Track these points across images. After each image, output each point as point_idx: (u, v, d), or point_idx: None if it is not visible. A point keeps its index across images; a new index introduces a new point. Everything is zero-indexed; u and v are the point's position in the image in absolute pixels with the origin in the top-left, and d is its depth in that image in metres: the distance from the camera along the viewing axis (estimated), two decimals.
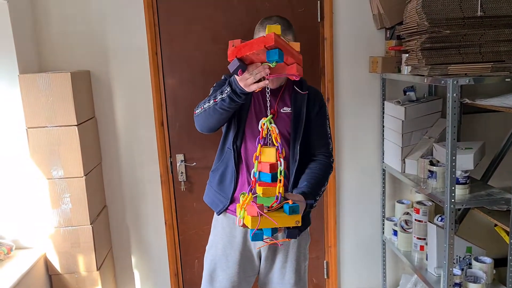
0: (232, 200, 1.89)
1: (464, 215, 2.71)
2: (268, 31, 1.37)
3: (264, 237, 1.46)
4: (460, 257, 2.38)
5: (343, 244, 2.89)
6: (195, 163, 2.70)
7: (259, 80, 1.49)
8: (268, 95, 1.61)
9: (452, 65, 2.04)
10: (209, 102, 1.69)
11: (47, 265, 2.40)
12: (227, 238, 1.93)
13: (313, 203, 1.70)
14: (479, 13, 2.00)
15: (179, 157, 2.69)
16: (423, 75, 2.14)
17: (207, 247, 2.04)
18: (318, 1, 2.61)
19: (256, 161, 1.50)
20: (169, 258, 2.78)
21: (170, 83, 2.63)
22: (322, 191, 1.80)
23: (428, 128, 2.58)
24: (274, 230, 1.46)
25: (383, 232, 2.85)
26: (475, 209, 2.43)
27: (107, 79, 2.59)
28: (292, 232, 1.50)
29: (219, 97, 1.64)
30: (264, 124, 1.51)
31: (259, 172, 1.51)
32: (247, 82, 1.50)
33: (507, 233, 2.20)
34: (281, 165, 1.48)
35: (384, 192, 2.82)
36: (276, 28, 1.38)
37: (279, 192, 1.46)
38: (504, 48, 2.03)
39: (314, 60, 2.68)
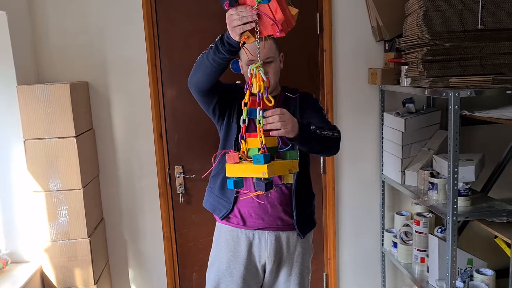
0: (235, 204, 1.87)
1: (464, 226, 2.71)
2: None
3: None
4: (461, 269, 2.37)
5: (343, 256, 2.88)
6: (194, 175, 2.68)
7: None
8: (257, 40, 1.47)
9: (453, 78, 2.05)
10: (202, 54, 1.69)
11: (43, 279, 2.35)
12: (231, 252, 1.90)
13: (309, 124, 1.62)
14: (479, 26, 2.02)
15: (178, 168, 2.67)
16: (424, 87, 2.15)
17: (209, 263, 2.01)
18: (318, 13, 2.62)
19: (245, 107, 1.44)
20: (167, 272, 2.74)
21: (169, 95, 2.62)
22: (325, 133, 1.70)
23: (427, 140, 2.58)
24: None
25: (383, 244, 2.84)
26: (475, 221, 2.43)
27: (106, 90, 2.57)
28: (300, 229, 1.72)
29: (209, 47, 1.64)
30: (253, 70, 1.45)
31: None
32: (232, 22, 1.46)
33: (508, 244, 2.20)
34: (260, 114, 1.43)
35: (383, 204, 2.81)
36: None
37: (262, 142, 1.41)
38: (504, 61, 2.05)
39: (313, 72, 2.68)
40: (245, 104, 1.45)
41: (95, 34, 2.51)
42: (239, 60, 1.92)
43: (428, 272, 2.41)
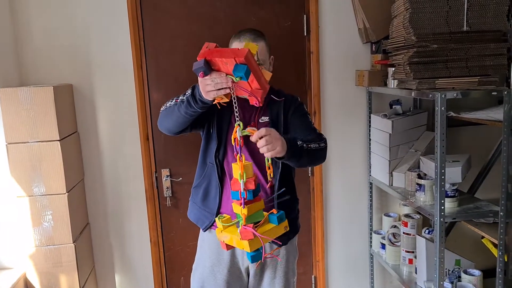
0: (218, 215, 1.84)
1: (451, 227, 2.73)
2: (245, 46, 1.35)
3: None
4: (449, 270, 2.38)
5: (331, 258, 2.87)
6: (181, 178, 2.65)
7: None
8: (235, 105, 1.48)
9: (439, 79, 2.06)
10: (171, 101, 1.69)
11: (27, 286, 2.30)
12: (214, 256, 1.89)
13: (296, 141, 1.62)
14: (465, 28, 2.03)
15: (165, 172, 2.64)
16: (411, 89, 2.16)
17: (193, 266, 2.00)
18: (304, 15, 2.62)
19: (242, 180, 1.41)
20: (154, 277, 2.71)
21: (155, 97, 2.59)
22: (312, 146, 1.69)
23: (414, 141, 2.60)
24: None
25: (371, 245, 2.84)
26: (462, 222, 2.44)
27: (90, 93, 2.53)
28: (283, 238, 1.57)
29: (180, 98, 1.64)
30: (236, 132, 1.45)
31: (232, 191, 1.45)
32: (206, 87, 1.46)
33: (494, 245, 2.21)
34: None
35: (371, 205, 2.81)
36: (253, 47, 1.36)
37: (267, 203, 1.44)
38: (490, 62, 2.07)
39: (300, 74, 2.68)
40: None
41: (79, 36, 2.48)
42: None
43: (416, 273, 2.42)
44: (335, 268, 2.89)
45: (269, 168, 1.47)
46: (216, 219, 1.47)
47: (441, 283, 2.07)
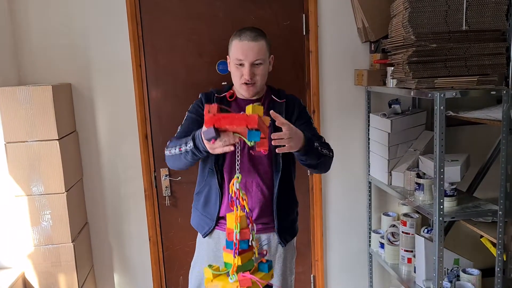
0: (218, 221, 1.86)
1: (450, 226, 2.73)
2: (251, 111, 1.36)
3: None
4: (448, 269, 2.38)
5: (330, 258, 2.87)
6: (180, 178, 2.65)
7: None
8: (238, 160, 1.48)
9: (438, 78, 2.06)
10: (175, 149, 1.71)
11: (26, 285, 2.30)
12: (212, 253, 1.89)
13: (313, 141, 1.63)
14: (464, 27, 2.03)
15: (164, 171, 2.64)
16: (410, 88, 2.16)
17: (192, 263, 2.01)
18: (303, 15, 2.62)
19: (236, 231, 1.40)
20: (153, 276, 2.71)
21: (154, 96, 2.59)
22: (324, 151, 1.72)
23: (413, 141, 2.60)
24: None
25: (370, 245, 2.85)
26: (461, 221, 2.44)
27: (89, 92, 2.53)
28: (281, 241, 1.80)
29: (183, 148, 1.66)
30: (233, 185, 1.44)
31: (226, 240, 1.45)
32: (215, 150, 1.48)
33: (493, 244, 2.21)
34: (253, 230, 1.43)
35: (370, 205, 2.81)
36: (259, 109, 1.38)
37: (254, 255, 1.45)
38: (489, 62, 2.07)
39: (299, 73, 2.68)
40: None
41: (78, 35, 2.47)
42: (227, 57, 1.85)
43: (415, 272, 2.42)
44: (334, 268, 2.89)
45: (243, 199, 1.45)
46: (205, 268, 1.46)
47: (440, 282, 2.08)
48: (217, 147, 1.45)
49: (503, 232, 2.08)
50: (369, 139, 2.72)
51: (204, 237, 1.89)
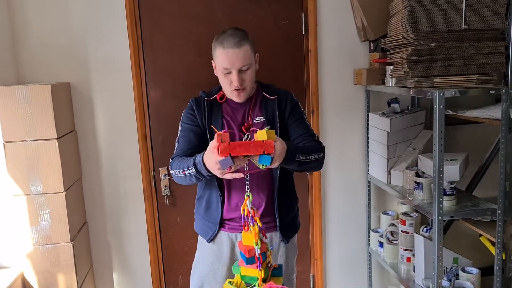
0: (221, 225, 1.86)
1: (449, 225, 2.73)
2: (262, 136, 1.40)
3: None
4: (447, 268, 2.38)
5: (329, 257, 2.87)
6: None
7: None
8: (247, 182, 1.57)
9: (438, 77, 2.06)
10: (179, 171, 1.71)
11: (25, 285, 2.29)
12: (214, 253, 1.89)
13: (294, 151, 1.62)
14: (463, 26, 2.03)
15: (163, 170, 2.63)
16: (409, 87, 2.16)
17: (193, 263, 2.00)
18: (303, 14, 2.62)
19: (257, 247, 1.45)
20: (152, 275, 2.71)
21: (153, 95, 2.58)
22: (311, 158, 1.70)
23: (412, 140, 2.60)
24: None
25: (369, 244, 2.85)
26: (460, 220, 2.44)
27: (88, 91, 2.52)
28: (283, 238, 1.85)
29: (187, 172, 1.67)
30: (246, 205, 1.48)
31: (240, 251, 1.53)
32: (226, 176, 1.50)
33: (492, 243, 2.22)
34: (259, 247, 1.46)
35: (369, 204, 2.81)
36: (272, 134, 1.42)
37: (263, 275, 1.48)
38: (488, 61, 2.07)
39: (298, 72, 2.68)
40: None
41: (77, 34, 2.47)
42: (212, 62, 1.82)
43: (414, 271, 2.42)
44: (333, 267, 2.89)
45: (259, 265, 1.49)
46: (227, 283, 1.51)
47: (439, 281, 2.08)
48: (228, 176, 1.49)
49: (502, 231, 2.08)
50: (368, 138, 2.72)
51: (209, 242, 1.89)
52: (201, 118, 1.82)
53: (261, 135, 1.41)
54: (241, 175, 1.48)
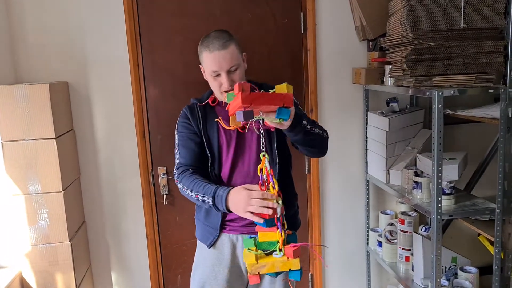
0: (222, 228, 1.85)
1: (448, 225, 2.73)
2: (282, 89, 1.38)
3: None
4: (445, 267, 2.39)
5: (328, 256, 2.87)
6: None
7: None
8: (262, 140, 1.56)
9: (436, 77, 2.06)
10: (191, 192, 1.69)
11: (23, 285, 2.29)
12: (215, 256, 1.88)
13: (300, 116, 1.60)
14: (462, 25, 2.03)
15: (161, 170, 2.63)
16: (408, 86, 2.16)
17: (193, 266, 1.99)
18: (301, 12, 2.61)
19: (279, 205, 1.48)
20: (151, 275, 2.70)
21: (151, 94, 2.58)
22: (315, 130, 1.70)
23: (411, 139, 2.60)
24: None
25: (368, 243, 2.85)
26: (459, 219, 2.45)
27: (86, 90, 2.52)
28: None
29: (201, 198, 1.65)
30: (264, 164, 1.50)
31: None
32: (246, 212, 1.50)
33: (491, 242, 2.22)
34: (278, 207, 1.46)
35: (368, 203, 2.81)
36: (290, 88, 1.40)
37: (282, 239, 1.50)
38: (487, 60, 2.06)
39: (297, 71, 2.67)
40: None
41: (74, 32, 2.46)
42: (200, 66, 1.83)
43: (413, 270, 2.42)
44: (332, 266, 2.89)
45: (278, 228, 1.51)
46: (246, 251, 1.51)
47: (438, 280, 2.08)
48: (251, 210, 1.50)
49: (500, 230, 2.08)
50: (367, 137, 2.71)
51: (210, 247, 1.88)
52: (197, 124, 1.82)
53: (281, 88, 1.38)
54: (265, 216, 1.47)
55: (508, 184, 2.06)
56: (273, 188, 1.49)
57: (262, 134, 1.57)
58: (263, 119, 1.46)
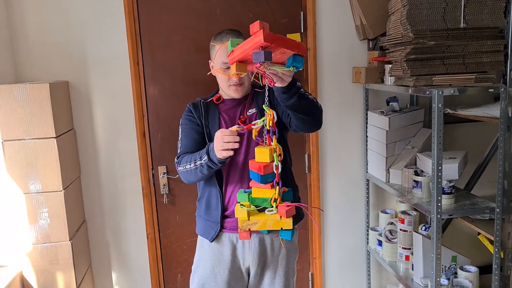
0: (222, 225, 1.86)
1: (448, 224, 2.73)
2: (296, 38, 1.37)
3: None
4: (445, 267, 2.39)
5: (328, 255, 2.88)
6: (178, 175, 2.63)
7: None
8: (267, 94, 1.58)
9: (436, 76, 2.06)
10: (190, 164, 1.74)
11: (24, 284, 2.29)
12: (215, 256, 1.89)
13: (296, 80, 1.58)
14: (462, 24, 2.03)
15: (161, 169, 2.63)
16: (408, 86, 2.16)
17: (193, 267, 1.99)
18: (301, 12, 2.61)
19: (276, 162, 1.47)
20: (151, 274, 2.71)
21: (151, 93, 2.58)
22: (310, 96, 1.68)
23: (411, 138, 2.60)
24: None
25: (368, 242, 2.85)
26: (459, 218, 2.45)
27: (87, 89, 2.52)
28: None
29: (198, 162, 1.70)
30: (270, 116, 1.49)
31: (250, 170, 1.51)
32: (222, 150, 1.57)
33: (490, 241, 2.22)
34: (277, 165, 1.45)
35: (368, 202, 2.82)
36: (298, 37, 1.39)
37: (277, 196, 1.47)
38: (487, 59, 2.07)
39: None
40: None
41: (75, 32, 2.46)
42: (209, 62, 1.91)
43: (412, 269, 2.42)
44: (332, 265, 2.89)
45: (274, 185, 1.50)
46: (238, 207, 1.51)
47: (438, 279, 2.08)
48: (221, 150, 1.56)
49: (500, 229, 2.08)
50: (367, 136, 2.72)
51: (212, 242, 1.88)
52: (199, 117, 1.88)
53: (295, 37, 1.37)
54: (235, 145, 1.54)
55: (508, 183, 2.06)
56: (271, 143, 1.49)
57: (267, 90, 1.57)
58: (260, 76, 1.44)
